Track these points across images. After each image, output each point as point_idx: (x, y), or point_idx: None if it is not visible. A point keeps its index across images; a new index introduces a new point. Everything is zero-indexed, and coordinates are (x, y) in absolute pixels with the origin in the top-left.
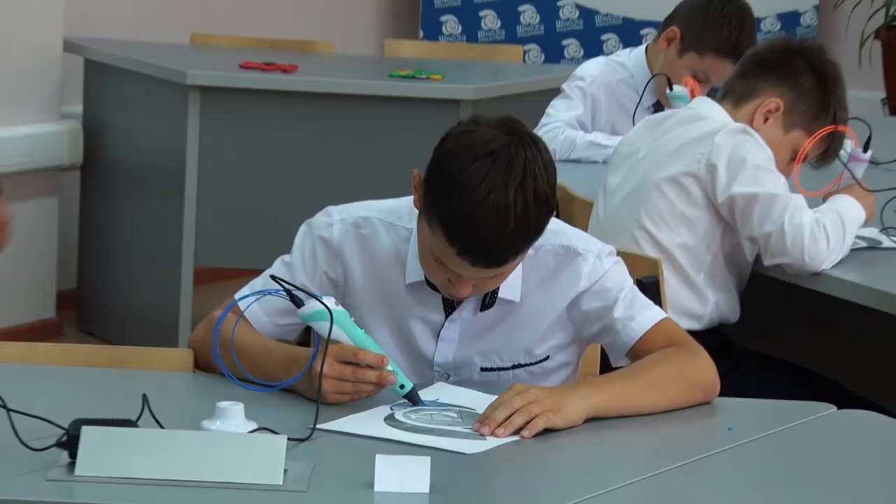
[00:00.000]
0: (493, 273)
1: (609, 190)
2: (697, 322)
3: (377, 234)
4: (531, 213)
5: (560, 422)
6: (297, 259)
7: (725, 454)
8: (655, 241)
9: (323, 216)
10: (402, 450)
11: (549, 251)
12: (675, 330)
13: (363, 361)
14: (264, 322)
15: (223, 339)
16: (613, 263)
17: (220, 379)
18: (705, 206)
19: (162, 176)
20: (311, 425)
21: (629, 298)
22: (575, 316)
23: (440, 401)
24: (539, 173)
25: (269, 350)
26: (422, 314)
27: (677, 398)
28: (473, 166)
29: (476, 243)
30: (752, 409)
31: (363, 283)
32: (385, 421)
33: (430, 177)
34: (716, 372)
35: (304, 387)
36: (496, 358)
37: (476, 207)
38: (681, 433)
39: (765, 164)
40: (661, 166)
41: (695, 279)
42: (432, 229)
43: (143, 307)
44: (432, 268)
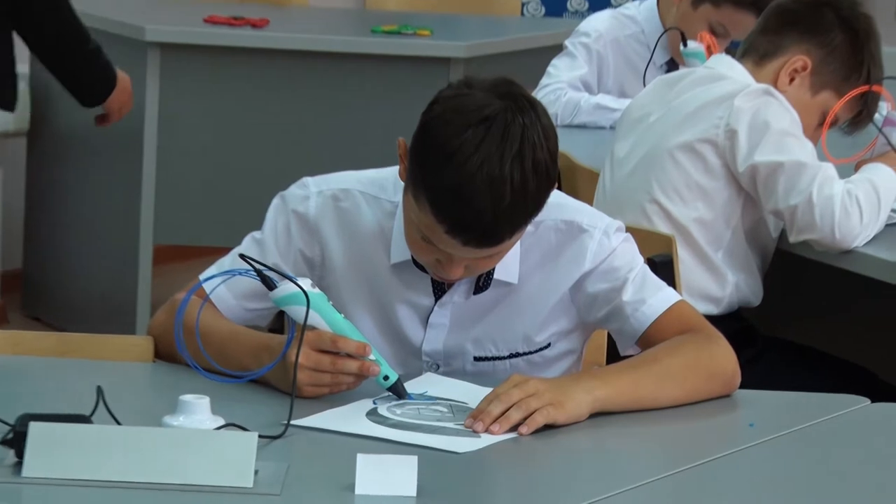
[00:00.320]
0: (488, 253)
1: (617, 159)
2: (716, 306)
3: (358, 208)
4: (529, 186)
5: (562, 417)
6: (269, 236)
7: (746, 453)
8: (669, 215)
9: (298, 188)
10: (386, 448)
11: (551, 227)
12: (690, 314)
13: (343, 350)
14: (232, 306)
15: (187, 325)
16: (622, 240)
17: (183, 369)
18: (724, 176)
19: (118, 143)
20: (284, 421)
21: (639, 279)
22: (579, 299)
23: (428, 394)
24: (538, 141)
25: (238, 337)
26: (408, 298)
27: (693, 390)
28: (465, 134)
29: (468, 220)
30: (777, 403)
31: (343, 262)
32: (367, 416)
33: (416, 145)
34: (736, 361)
35: (277, 378)
36: (491, 346)
37: (468, 180)
38: (696, 430)
39: (790, 129)
40: (674, 132)
41: (713, 258)
42: (419, 204)
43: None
44: (419, 247)
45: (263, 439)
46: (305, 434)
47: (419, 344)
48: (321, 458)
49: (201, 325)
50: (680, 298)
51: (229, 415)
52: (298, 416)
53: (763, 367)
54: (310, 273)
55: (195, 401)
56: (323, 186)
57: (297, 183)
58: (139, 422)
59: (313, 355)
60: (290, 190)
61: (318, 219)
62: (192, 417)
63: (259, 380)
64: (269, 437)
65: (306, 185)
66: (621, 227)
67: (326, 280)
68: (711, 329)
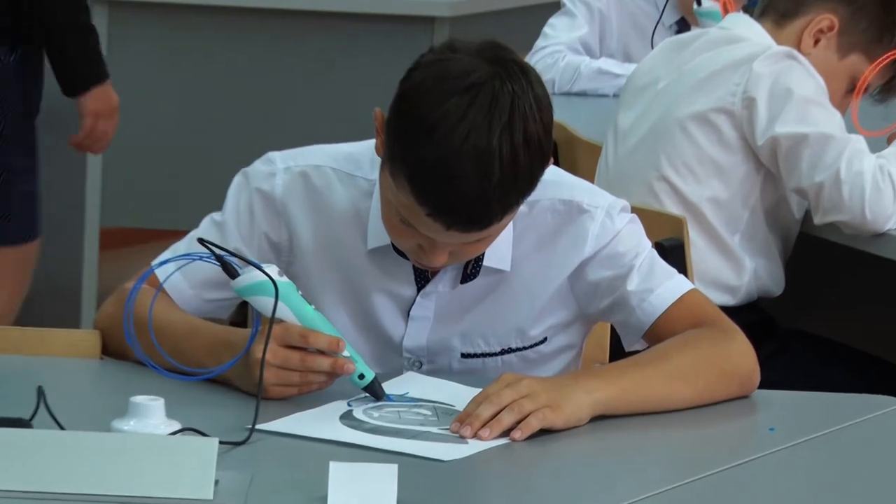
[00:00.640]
0: (475, 237)
1: (621, 130)
2: (732, 295)
3: (331, 186)
4: (521, 162)
5: (560, 421)
6: (231, 217)
7: (765, 461)
8: (679, 193)
9: (263, 164)
10: (362, 455)
11: (547, 208)
12: (703, 305)
13: (313, 345)
14: (189, 296)
15: (138, 318)
16: (627, 222)
17: (134, 367)
18: (741, 149)
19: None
20: (248, 425)
21: (646, 266)
22: (579, 288)
23: (410, 395)
24: (530, 112)
25: (196, 331)
26: (387, 287)
27: (706, 391)
28: (448, 104)
29: (452, 200)
30: (799, 404)
31: (313, 247)
32: (341, 420)
33: (394, 117)
34: (754, 358)
35: (240, 377)
36: (480, 341)
37: (451, 155)
38: (709, 435)
39: (815, 96)
40: (685, 100)
41: (728, 242)
42: (397, 183)
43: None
44: (398, 230)
45: (225, 446)
46: (272, 440)
47: (399, 339)
48: (289, 467)
49: (154, 318)
50: (692, 287)
51: (186, 418)
52: (264, 419)
53: (784, 365)
54: (276, 259)
55: (148, 403)
56: (291, 162)
57: (262, 158)
58: (85, 426)
59: (281, 351)
60: (254, 166)
61: (285, 198)
62: (145, 421)
63: (219, 379)
64: (232, 443)
65: (272, 161)
66: (626, 207)
67: (295, 267)
68: (727, 322)
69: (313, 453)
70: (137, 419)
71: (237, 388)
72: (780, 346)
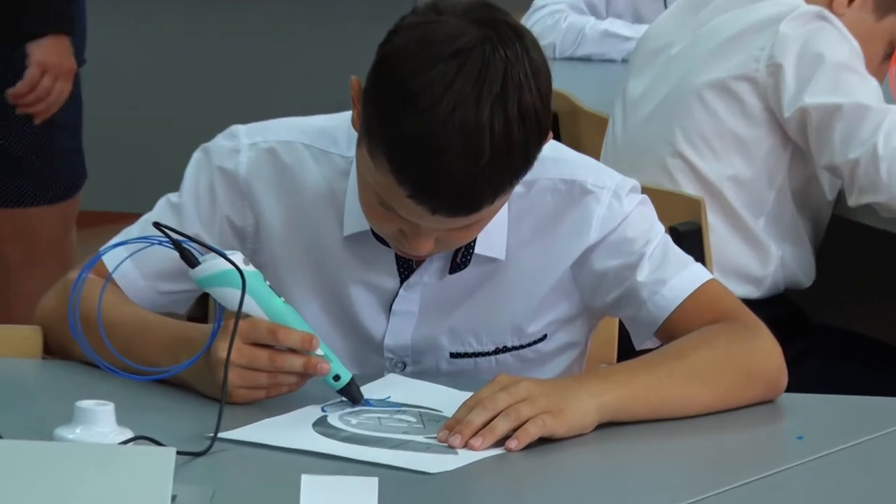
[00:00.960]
0: (463, 222)
1: (631, 100)
2: (756, 287)
3: (302, 165)
4: (515, 138)
5: (561, 428)
6: (189, 199)
7: (793, 473)
8: (696, 171)
9: (225, 139)
10: (338, 467)
11: (547, 188)
12: (723, 298)
13: (283, 343)
14: (141, 287)
15: (84, 312)
16: (636, 204)
17: (80, 368)
18: (766, 122)
19: None
20: (210, 433)
21: (659, 254)
22: (583, 279)
23: (392, 399)
24: (525, 81)
25: (149, 327)
26: (366, 278)
27: (727, 395)
28: (432, 72)
29: (436, 182)
30: (831, 409)
31: (282, 233)
32: (314, 427)
33: (371, 86)
34: (781, 357)
35: (200, 379)
36: (472, 339)
37: (436, 130)
38: (731, 445)
39: (849, 62)
40: (703, 66)
41: (752, 226)
42: (375, 161)
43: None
44: (377, 214)
45: (183, 456)
46: (236, 450)
47: (380, 337)
48: (256, 481)
49: (103, 312)
50: (710, 277)
51: (139, 426)
52: (227, 427)
53: (815, 365)
54: (240, 246)
55: (96, 408)
56: (257, 137)
57: (225, 132)
58: (25, 434)
59: (246, 350)
60: (216, 141)
61: (250, 178)
62: (93, 429)
63: (176, 381)
64: (191, 453)
65: (236, 136)
66: (636, 188)
67: (262, 255)
68: (750, 316)
69: (283, 465)
70: (84, 426)
71: (197, 391)
72: (811, 343)
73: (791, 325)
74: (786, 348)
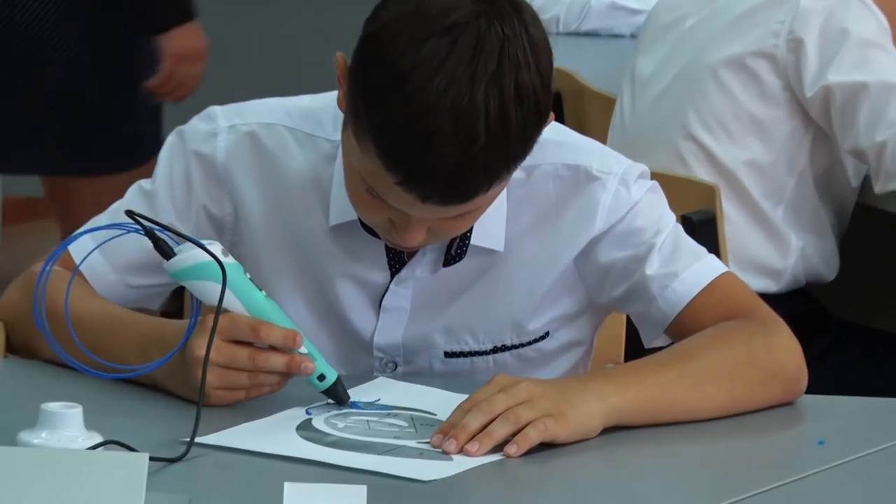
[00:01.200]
0: (457, 211)
1: (640, 79)
2: (775, 280)
3: (285, 149)
4: (511, 121)
5: (564, 432)
6: (163, 186)
7: (814, 481)
8: (711, 156)
9: (202, 122)
10: (324, 475)
11: (548, 174)
12: (739, 292)
13: (265, 340)
14: (111, 282)
15: (49, 307)
16: (646, 191)
17: (46, 368)
18: (786, 102)
19: None
20: (185, 438)
21: (670, 245)
22: (588, 272)
23: (382, 402)
24: (524, 59)
25: (119, 323)
26: (354, 272)
27: (743, 397)
28: (422, 49)
29: (427, 168)
30: (855, 412)
31: (263, 224)
32: (298, 431)
33: (358, 64)
34: (801, 356)
35: (174, 379)
36: (468, 337)
37: (426, 113)
38: (747, 450)
39: (876, 38)
40: (718, 42)
41: (770, 215)
42: (361, 145)
43: None
44: (365, 203)
45: (157, 462)
46: (214, 456)
47: (369, 335)
48: (235, 489)
49: (70, 308)
50: (725, 270)
51: (109, 430)
52: (205, 431)
53: (837, 364)
54: (218, 238)
55: (63, 411)
56: (236, 119)
57: (202, 114)
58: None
59: (225, 347)
60: (192, 124)
61: (228, 164)
62: (59, 433)
63: (148, 382)
64: (165, 459)
65: (213, 118)
66: (645, 173)
67: (241, 247)
68: (768, 312)
69: (264, 472)
70: (50, 430)
71: (170, 392)
72: (833, 341)
73: (812, 321)
74: (806, 347)
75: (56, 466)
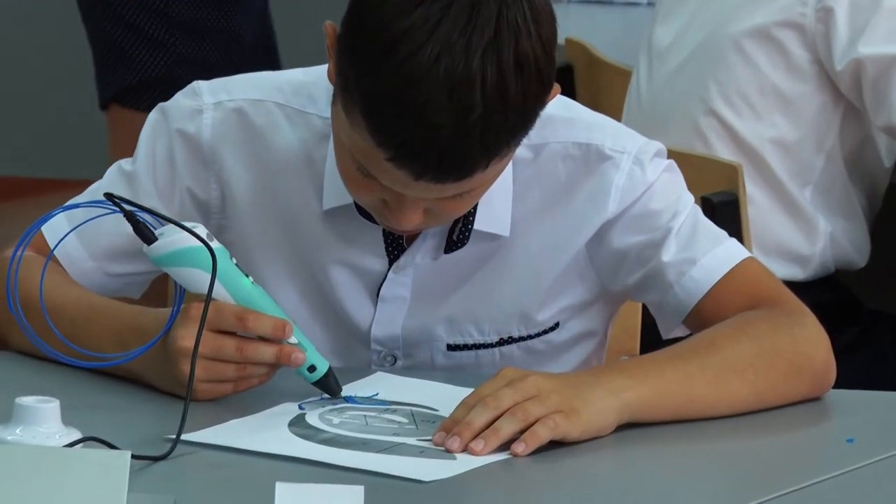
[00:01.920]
0: (454, 190)
1: (658, 50)
2: (802, 267)
3: (275, 127)
4: (510, 89)
5: (576, 430)
6: (144, 167)
7: (842, 481)
8: (733, 133)
9: (186, 97)
10: (317, 475)
11: (558, 153)
12: (763, 280)
13: (252, 330)
14: (89, 269)
15: (22, 294)
16: (662, 171)
17: (20, 359)
18: (814, 76)
19: None
20: (170, 435)
21: (688, 229)
22: (601, 258)
23: (379, 396)
24: (524, 25)
25: (96, 312)
26: (350, 258)
27: (767, 391)
28: (413, 14)
29: (419, 143)
30: (887, 408)
31: (252, 207)
32: (290, 427)
33: (346, 32)
34: (829, 348)
35: (155, 372)
36: (472, 328)
37: (418, 82)
38: (772, 448)
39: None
40: (742, 11)
41: (797, 197)
42: (351, 119)
43: None
44: (356, 182)
45: (139, 461)
46: (201, 454)
47: (367, 326)
48: (223, 489)
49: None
50: (748, 256)
51: (89, 426)
52: (191, 427)
53: (868, 356)
54: (203, 221)
55: (38, 405)
56: (223, 95)
57: (186, 89)
58: None
59: (211, 338)
60: (175, 100)
61: (214, 143)
62: (35, 429)
63: (128, 375)
64: (149, 457)
65: (198, 94)
66: (662, 152)
67: (228, 233)
68: (794, 301)
69: (255, 471)
70: (25, 426)
71: (153, 386)
72: (864, 332)
73: (841, 311)
74: (834, 338)
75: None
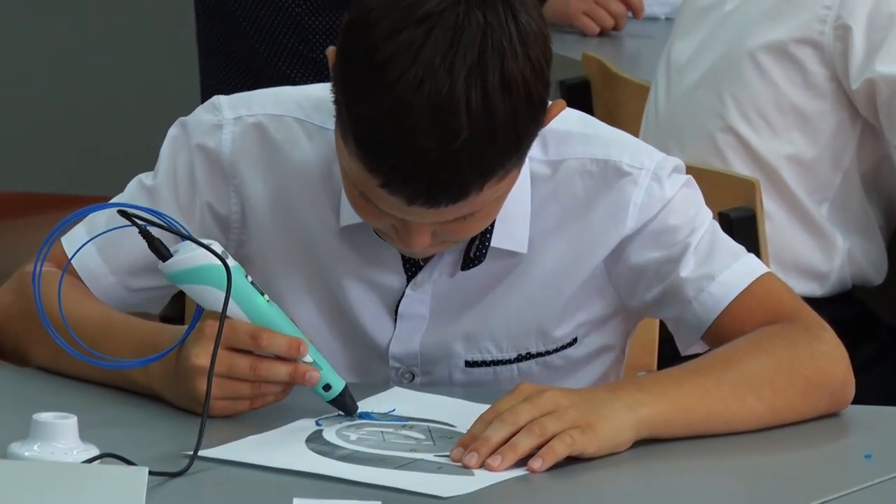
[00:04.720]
0: (454, 214)
1: (675, 66)
2: (819, 283)
3: (295, 143)
4: (497, 112)
5: (593, 445)
6: (165, 182)
7: (861, 497)
8: (751, 149)
9: (206, 112)
10: (335, 490)
11: (575, 170)
12: (781, 296)
13: (266, 349)
14: (109, 284)
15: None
16: (680, 187)
17: (38, 376)
18: (832, 93)
19: None
20: (187, 451)
21: (706, 245)
22: (619, 274)
23: (396, 412)
24: (510, 47)
25: (115, 328)
26: (368, 276)
27: (785, 407)
28: (398, 39)
29: (406, 168)
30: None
31: (271, 223)
32: (307, 444)
33: (338, 59)
34: (848, 364)
35: (171, 389)
36: (490, 345)
37: (402, 107)
38: (790, 464)
39: None
40: (760, 27)
41: (814, 213)
42: (347, 146)
43: None
44: (362, 208)
45: (157, 477)
46: (218, 470)
47: (385, 343)
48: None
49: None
50: (766, 271)
51: (106, 442)
52: (209, 443)
53: (886, 372)
54: (224, 237)
55: (56, 421)
56: (242, 110)
57: (206, 104)
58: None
59: (225, 356)
60: (196, 114)
61: (235, 158)
62: (52, 445)
63: (147, 392)
64: (166, 473)
65: (218, 108)
66: (680, 168)
67: (248, 247)
68: (812, 317)
69: (272, 487)
70: (43, 442)
71: (170, 403)
72: (882, 348)
73: (859, 327)
74: (853, 354)
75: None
